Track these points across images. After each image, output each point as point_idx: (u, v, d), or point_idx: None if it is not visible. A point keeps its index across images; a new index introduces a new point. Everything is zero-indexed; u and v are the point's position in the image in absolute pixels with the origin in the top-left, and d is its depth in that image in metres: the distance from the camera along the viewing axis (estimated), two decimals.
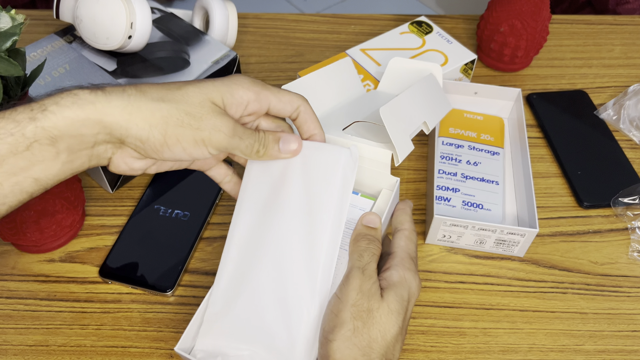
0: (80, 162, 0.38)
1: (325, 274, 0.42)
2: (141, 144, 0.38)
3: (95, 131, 0.36)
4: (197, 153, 0.39)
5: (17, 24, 0.43)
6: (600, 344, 0.51)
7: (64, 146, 0.36)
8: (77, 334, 0.51)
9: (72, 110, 0.35)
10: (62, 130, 0.35)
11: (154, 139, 0.37)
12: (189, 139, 0.38)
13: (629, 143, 0.67)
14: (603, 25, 0.82)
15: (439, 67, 0.59)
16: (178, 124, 0.38)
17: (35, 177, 0.36)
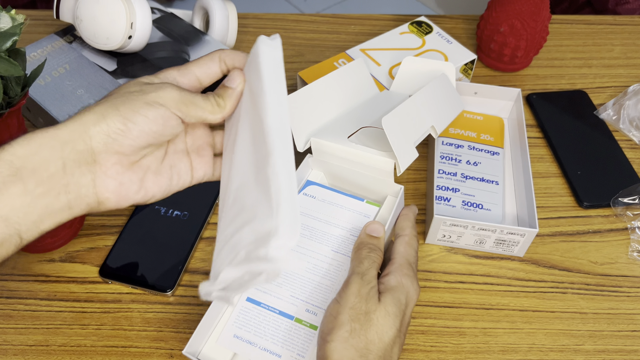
0: (55, 196, 0.35)
1: (276, 135, 0.36)
2: (106, 135, 0.36)
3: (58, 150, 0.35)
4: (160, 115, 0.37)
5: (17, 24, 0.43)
6: (599, 343, 0.51)
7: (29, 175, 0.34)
8: (77, 334, 0.51)
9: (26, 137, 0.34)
10: (21, 157, 0.34)
11: (114, 121, 0.36)
12: (141, 103, 0.37)
13: (629, 143, 0.67)
14: (603, 25, 0.82)
15: (451, 65, 0.60)
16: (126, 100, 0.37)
17: (3, 216, 0.33)
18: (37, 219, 0.35)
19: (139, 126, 0.36)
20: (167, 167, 0.41)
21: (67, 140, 0.35)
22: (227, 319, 0.47)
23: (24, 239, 0.35)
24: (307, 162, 0.54)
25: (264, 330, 0.45)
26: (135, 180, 0.38)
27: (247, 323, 0.46)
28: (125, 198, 0.38)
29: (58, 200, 0.35)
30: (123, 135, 0.36)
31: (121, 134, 0.36)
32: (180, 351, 0.50)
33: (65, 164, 0.35)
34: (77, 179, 0.36)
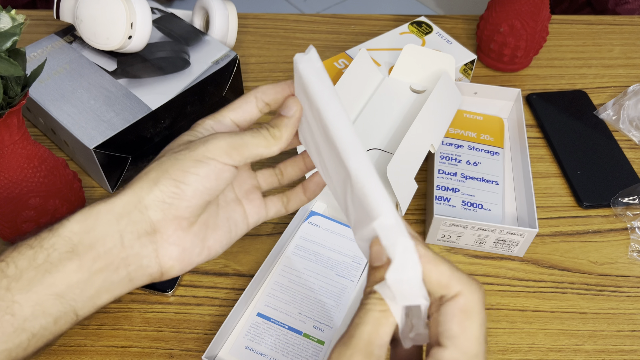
0: (114, 270, 0.34)
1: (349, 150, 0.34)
2: (161, 201, 0.35)
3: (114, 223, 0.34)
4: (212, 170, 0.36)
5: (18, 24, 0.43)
6: (599, 343, 0.51)
7: (86, 251, 0.33)
8: (77, 334, 0.51)
9: (83, 213, 0.34)
10: (78, 233, 0.33)
11: (166, 186, 0.35)
12: (191, 162, 0.35)
13: (629, 143, 0.67)
14: (603, 26, 0.82)
15: (451, 58, 0.60)
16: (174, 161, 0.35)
17: (58, 293, 0.33)
18: (93, 294, 0.34)
19: (192, 186, 0.35)
20: (224, 220, 0.40)
21: (122, 212, 0.34)
22: (239, 331, 0.49)
23: (80, 315, 0.34)
24: None
25: (274, 343, 0.48)
26: (197, 242, 0.37)
27: (258, 336, 0.48)
28: (189, 262, 0.37)
29: (117, 274, 0.35)
30: (178, 198, 0.35)
31: (176, 197, 0.35)
32: (180, 351, 0.50)
33: (122, 237, 0.34)
34: (138, 251, 0.35)
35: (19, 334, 0.32)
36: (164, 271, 0.36)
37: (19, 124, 0.48)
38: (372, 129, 0.57)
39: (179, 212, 0.35)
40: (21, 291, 0.32)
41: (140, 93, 0.61)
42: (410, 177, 0.52)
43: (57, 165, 0.53)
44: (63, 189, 0.53)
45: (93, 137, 0.56)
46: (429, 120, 0.55)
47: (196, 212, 0.36)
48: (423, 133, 0.54)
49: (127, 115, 0.59)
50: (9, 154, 0.48)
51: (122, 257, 0.34)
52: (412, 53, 0.61)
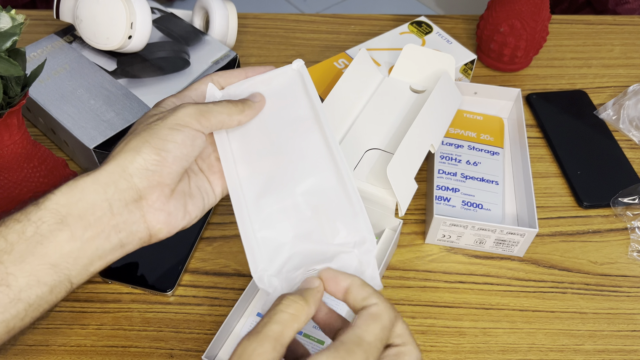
0: (105, 238, 0.36)
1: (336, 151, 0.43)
2: (145, 169, 0.37)
3: (101, 193, 0.35)
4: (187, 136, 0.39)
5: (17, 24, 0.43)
6: (599, 343, 0.51)
7: (76, 222, 0.34)
8: (77, 334, 0.51)
9: (68, 185, 0.35)
10: (65, 204, 0.34)
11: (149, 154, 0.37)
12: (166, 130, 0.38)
13: (629, 143, 0.67)
14: (603, 25, 0.82)
15: (451, 57, 0.60)
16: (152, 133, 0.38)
17: (52, 263, 0.34)
18: (87, 263, 0.35)
19: (171, 153, 0.38)
20: (196, 189, 0.43)
21: (108, 182, 0.36)
22: (239, 331, 0.48)
23: (74, 283, 0.35)
24: None
25: None
26: (179, 207, 0.40)
27: None
28: (175, 226, 0.39)
29: (109, 241, 0.36)
30: (161, 165, 0.37)
31: (158, 164, 0.37)
32: (180, 351, 0.50)
33: (111, 205, 0.36)
34: (127, 217, 0.36)
35: (16, 304, 0.33)
36: (153, 234, 0.38)
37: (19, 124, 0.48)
38: (372, 129, 0.57)
39: (162, 179, 0.37)
40: (14, 263, 0.33)
41: (140, 93, 0.61)
42: (410, 177, 0.52)
43: (57, 165, 0.53)
44: None
45: (93, 137, 0.56)
46: (429, 120, 0.55)
47: (176, 179, 0.39)
48: (423, 133, 0.54)
49: (127, 115, 0.58)
50: (8, 153, 0.48)
51: (113, 224, 0.36)
52: (412, 53, 0.61)
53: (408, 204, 0.51)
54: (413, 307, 0.53)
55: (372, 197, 0.52)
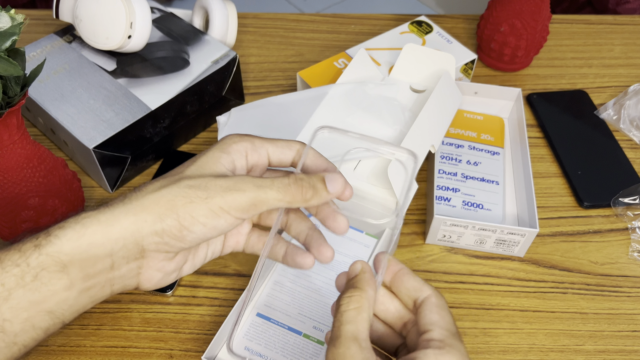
0: (100, 289, 0.35)
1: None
2: (160, 238, 0.34)
3: (108, 249, 0.34)
4: (222, 223, 0.35)
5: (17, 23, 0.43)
6: (600, 344, 0.51)
7: (77, 272, 0.33)
8: (76, 334, 0.51)
9: (76, 231, 0.33)
10: (69, 254, 0.33)
11: (170, 227, 0.34)
12: (204, 211, 0.34)
13: (629, 143, 0.67)
14: (603, 25, 0.82)
15: (452, 57, 0.60)
16: (187, 202, 0.34)
17: (48, 310, 0.33)
18: (80, 309, 0.35)
19: (195, 234, 0.35)
20: (204, 246, 0.40)
21: (118, 239, 0.34)
22: (239, 331, 0.48)
23: (66, 322, 0.35)
24: None
25: (274, 343, 0.48)
26: (176, 268, 0.38)
27: (258, 336, 0.48)
28: (163, 284, 0.38)
29: (102, 292, 0.35)
30: (176, 240, 0.35)
31: (175, 239, 0.35)
32: (180, 351, 0.50)
33: (114, 262, 0.34)
34: (124, 273, 0.35)
35: (11, 348, 0.33)
36: (139, 288, 0.37)
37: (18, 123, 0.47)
38: (372, 129, 0.57)
39: (172, 250, 0.36)
40: (10, 310, 0.32)
41: (139, 93, 0.61)
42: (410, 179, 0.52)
43: (56, 165, 0.52)
44: (62, 189, 0.53)
45: (92, 137, 0.56)
46: (430, 120, 0.55)
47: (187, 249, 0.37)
48: (423, 133, 0.54)
49: (127, 115, 0.58)
50: (8, 153, 0.48)
51: (109, 277, 0.35)
52: (412, 52, 0.61)
53: (408, 204, 0.51)
54: None
55: (372, 197, 0.52)
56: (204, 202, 0.34)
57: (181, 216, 0.34)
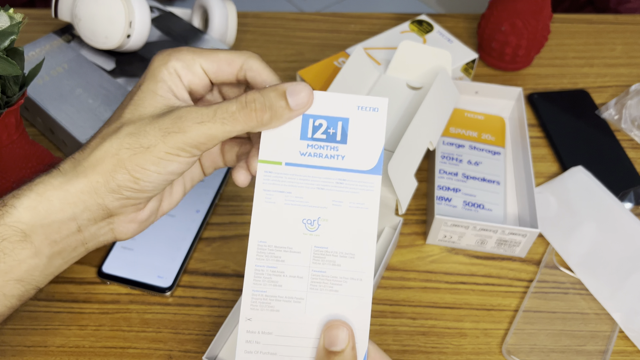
0: (72, 250, 0.34)
1: None
2: (119, 194, 0.33)
3: (69, 213, 0.32)
4: (175, 166, 0.33)
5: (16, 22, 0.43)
6: (601, 344, 0.50)
7: (41, 240, 0.32)
8: (75, 335, 0.50)
9: (31, 199, 0.32)
10: (28, 222, 0.31)
11: (124, 182, 0.32)
12: (151, 160, 0.32)
13: (631, 143, 0.67)
14: (604, 25, 0.82)
15: (448, 54, 0.59)
16: (132, 154, 0.32)
17: (17, 278, 0.32)
18: (53, 271, 0.34)
19: (153, 182, 0.33)
20: (179, 181, 0.38)
21: (77, 202, 0.33)
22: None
23: (42, 286, 0.34)
24: None
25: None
26: (152, 213, 0.36)
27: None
28: (144, 227, 0.37)
29: (75, 252, 0.34)
30: (137, 192, 0.33)
31: (136, 192, 0.33)
32: (179, 352, 0.49)
33: (79, 224, 0.33)
34: (94, 232, 0.34)
35: None
36: (119, 239, 0.36)
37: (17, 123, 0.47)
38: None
39: (137, 202, 0.34)
40: None
41: None
42: (410, 174, 0.52)
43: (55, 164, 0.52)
44: None
45: None
46: (428, 117, 0.55)
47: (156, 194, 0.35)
48: (422, 130, 0.54)
49: None
50: (6, 153, 0.48)
51: (79, 239, 0.34)
52: (408, 50, 0.61)
53: (408, 202, 0.51)
54: (414, 308, 0.53)
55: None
56: (148, 152, 0.32)
57: (131, 169, 0.32)
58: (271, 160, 0.35)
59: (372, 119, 0.36)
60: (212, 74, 0.35)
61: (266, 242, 0.35)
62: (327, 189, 0.35)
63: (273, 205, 0.35)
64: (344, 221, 0.35)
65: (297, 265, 0.35)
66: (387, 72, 0.62)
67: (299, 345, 0.35)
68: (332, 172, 0.35)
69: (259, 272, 0.35)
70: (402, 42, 0.61)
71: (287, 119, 0.34)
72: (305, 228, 0.35)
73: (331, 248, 0.35)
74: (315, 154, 0.35)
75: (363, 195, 0.35)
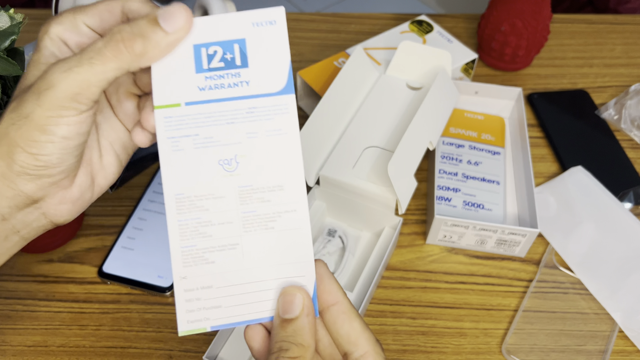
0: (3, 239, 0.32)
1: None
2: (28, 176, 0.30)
3: None
4: (65, 129, 0.29)
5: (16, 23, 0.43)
6: (601, 344, 0.51)
7: None
8: (76, 335, 0.50)
9: None
10: None
11: (25, 161, 0.29)
12: (36, 129, 0.29)
13: (630, 143, 0.67)
14: (604, 25, 0.82)
15: (448, 54, 0.60)
16: (17, 129, 0.29)
17: None
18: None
19: (55, 154, 0.29)
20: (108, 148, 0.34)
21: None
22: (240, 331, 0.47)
23: None
24: (312, 193, 0.56)
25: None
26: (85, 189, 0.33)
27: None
28: (81, 208, 0.33)
29: (8, 241, 0.32)
30: (45, 169, 0.30)
31: (42, 169, 0.30)
32: (179, 352, 0.49)
33: (2, 214, 0.31)
34: (23, 218, 0.32)
35: None
36: (57, 222, 0.33)
37: None
38: (370, 127, 0.57)
39: (53, 180, 0.31)
40: None
41: None
42: (410, 174, 0.52)
43: None
44: None
45: None
46: (428, 117, 0.55)
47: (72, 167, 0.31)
48: (422, 130, 0.54)
49: None
50: None
51: (8, 228, 0.32)
52: (408, 50, 0.61)
53: (408, 202, 0.51)
54: (414, 308, 0.53)
55: (372, 196, 0.52)
56: (29, 121, 0.29)
57: (24, 145, 0.29)
58: (168, 103, 0.31)
59: (271, 34, 0.32)
60: (98, 28, 0.31)
61: (184, 193, 0.32)
62: (237, 122, 0.31)
63: (182, 153, 0.31)
64: (264, 153, 0.31)
65: (223, 210, 0.32)
66: (387, 72, 0.62)
67: (243, 292, 0.32)
68: (239, 102, 0.31)
69: (183, 226, 0.32)
70: (402, 43, 0.61)
71: (166, 47, 0.29)
72: (224, 169, 0.31)
73: (256, 184, 0.31)
74: (216, 85, 0.31)
75: (278, 121, 0.31)
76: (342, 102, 0.58)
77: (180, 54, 0.31)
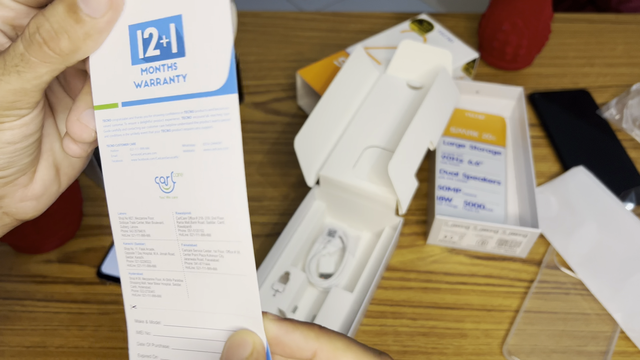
0: None
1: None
2: None
3: None
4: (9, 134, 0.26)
5: None
6: (602, 345, 0.50)
7: None
8: (74, 336, 0.50)
9: None
10: None
11: None
12: None
13: (632, 142, 0.66)
14: (605, 24, 0.82)
15: (448, 53, 0.59)
16: None
17: None
18: None
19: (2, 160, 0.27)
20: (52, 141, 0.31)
21: None
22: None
23: None
24: (312, 193, 0.56)
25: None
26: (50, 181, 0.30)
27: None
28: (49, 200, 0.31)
29: None
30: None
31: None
32: None
33: None
34: None
35: None
36: (24, 219, 0.31)
37: None
38: (370, 127, 0.56)
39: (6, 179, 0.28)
40: None
41: None
42: (410, 174, 0.51)
43: None
44: None
45: None
46: (428, 117, 0.55)
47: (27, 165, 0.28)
48: (423, 130, 0.54)
49: None
50: None
51: None
52: (408, 49, 0.61)
53: (409, 202, 0.51)
54: (414, 309, 0.52)
55: (372, 196, 0.52)
56: None
57: None
58: (105, 103, 0.26)
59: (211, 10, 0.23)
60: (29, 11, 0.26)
61: (126, 213, 0.27)
62: (173, 130, 0.25)
63: (121, 165, 0.26)
64: (201, 172, 0.25)
65: (163, 239, 0.27)
66: (388, 71, 0.62)
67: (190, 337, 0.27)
68: (175, 104, 0.25)
69: (129, 251, 0.27)
70: (402, 42, 0.61)
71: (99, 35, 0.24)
72: (160, 189, 0.26)
73: (195, 213, 0.25)
74: (152, 81, 0.25)
75: (217, 130, 0.24)
76: (342, 101, 0.58)
77: (116, 39, 0.25)
